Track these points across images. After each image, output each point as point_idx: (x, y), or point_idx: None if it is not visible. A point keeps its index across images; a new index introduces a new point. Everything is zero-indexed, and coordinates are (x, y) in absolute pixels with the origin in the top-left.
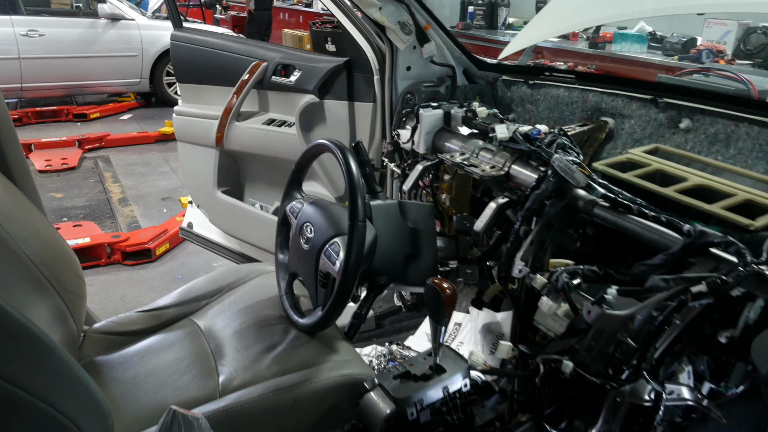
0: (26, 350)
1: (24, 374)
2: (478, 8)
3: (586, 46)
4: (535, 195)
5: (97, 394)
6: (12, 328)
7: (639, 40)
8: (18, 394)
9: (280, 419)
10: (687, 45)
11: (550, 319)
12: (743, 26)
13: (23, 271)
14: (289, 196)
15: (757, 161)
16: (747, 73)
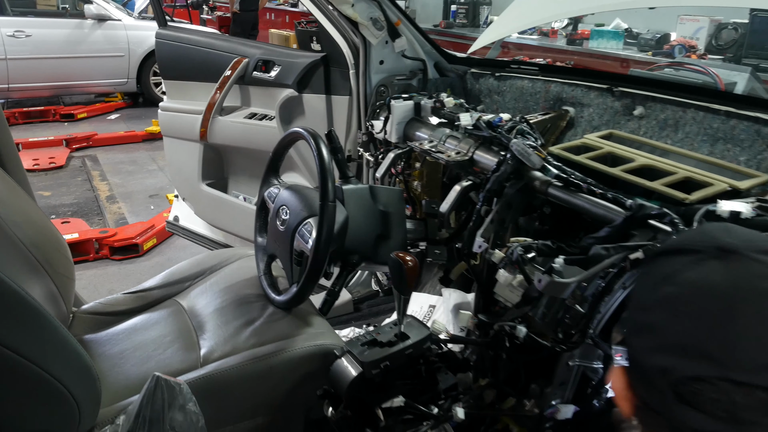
0: (20, 316)
1: (17, 338)
2: (461, 7)
3: (564, 43)
4: (495, 177)
5: (85, 360)
6: (7, 296)
7: (615, 36)
8: (11, 357)
9: (256, 385)
10: (661, 41)
11: (507, 290)
12: (715, 22)
13: (15, 254)
14: (266, 182)
15: (702, 144)
16: (717, 67)
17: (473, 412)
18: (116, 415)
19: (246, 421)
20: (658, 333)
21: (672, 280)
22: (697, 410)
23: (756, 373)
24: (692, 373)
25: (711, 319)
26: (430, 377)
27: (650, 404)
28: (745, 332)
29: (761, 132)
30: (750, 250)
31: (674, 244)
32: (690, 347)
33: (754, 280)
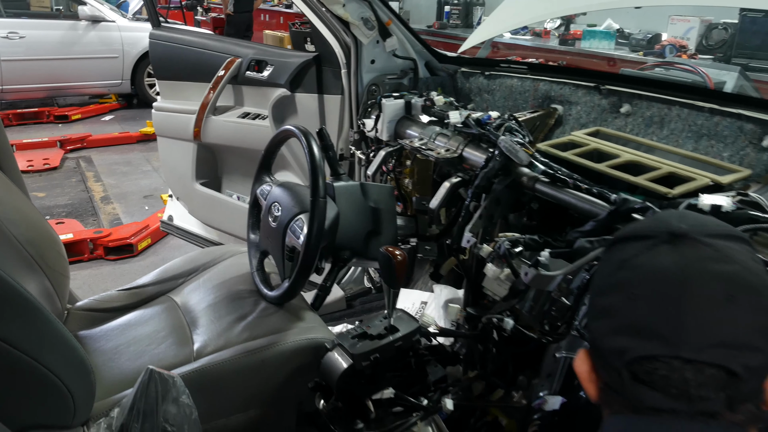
0: (16, 310)
1: (13, 332)
2: (454, 8)
3: (557, 44)
4: (484, 173)
5: (80, 353)
6: (3, 290)
7: (607, 36)
8: (7, 349)
9: (249, 378)
10: (652, 41)
11: (495, 284)
12: (705, 22)
13: (11, 251)
14: (259, 179)
15: (686, 140)
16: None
17: (462, 403)
18: (111, 408)
19: (238, 414)
20: (614, 316)
21: (626, 265)
22: (652, 388)
23: (704, 351)
24: (645, 352)
25: (662, 301)
26: (420, 369)
27: (611, 385)
28: (694, 312)
29: (744, 128)
30: (700, 234)
31: (630, 231)
32: (643, 328)
33: (703, 263)
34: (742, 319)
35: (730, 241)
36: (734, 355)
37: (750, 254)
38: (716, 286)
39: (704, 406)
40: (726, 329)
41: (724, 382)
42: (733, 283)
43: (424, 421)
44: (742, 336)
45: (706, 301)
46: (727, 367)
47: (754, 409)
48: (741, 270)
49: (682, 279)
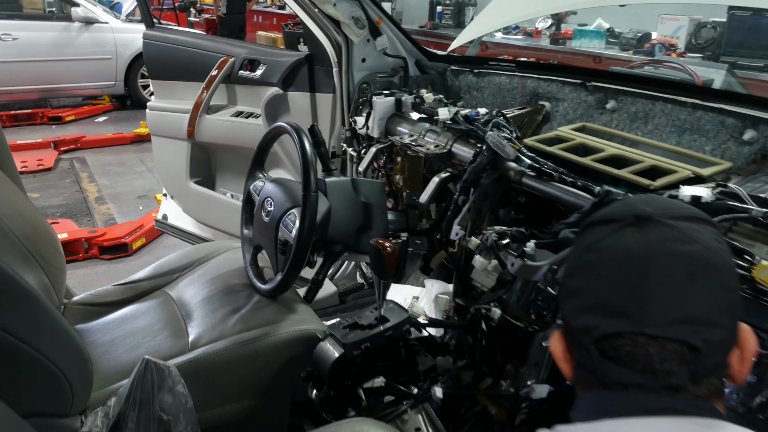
0: (15, 301)
1: (13, 321)
2: (446, 8)
3: (548, 43)
4: (472, 168)
5: (78, 343)
6: (3, 281)
7: (597, 35)
8: (8, 339)
9: (243, 368)
10: (641, 40)
11: (483, 275)
12: (694, 21)
13: (9, 246)
14: (252, 176)
15: (670, 135)
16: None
17: (451, 392)
18: (108, 397)
19: (233, 404)
20: (583, 296)
21: (594, 248)
22: (619, 364)
23: (666, 327)
24: (611, 330)
25: (626, 281)
26: (410, 359)
27: (582, 363)
28: (656, 290)
29: (725, 122)
30: (663, 216)
31: (599, 216)
32: (609, 307)
33: (665, 243)
34: (703, 296)
35: (693, 223)
36: (696, 331)
37: (712, 235)
38: (678, 266)
39: (668, 380)
40: (687, 306)
41: (686, 357)
42: (695, 262)
43: (414, 410)
44: (703, 312)
45: (669, 279)
46: (689, 343)
47: (717, 383)
48: (702, 250)
49: (646, 259)
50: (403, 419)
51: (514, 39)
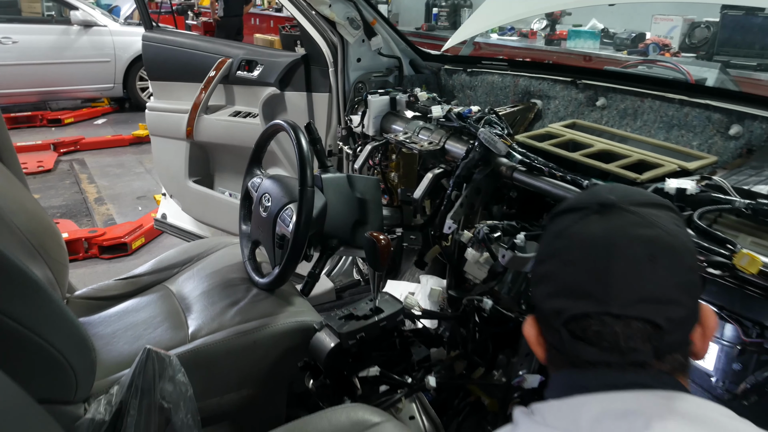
0: (22, 290)
1: (20, 310)
2: (442, 9)
3: (543, 44)
4: (464, 164)
5: (82, 331)
6: (11, 270)
7: (592, 36)
8: (15, 327)
9: (242, 358)
10: (636, 40)
11: (476, 268)
12: (688, 21)
13: (14, 240)
14: (250, 173)
15: (658, 131)
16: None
17: (445, 381)
18: (110, 386)
19: (232, 393)
20: (552, 280)
21: (561, 235)
22: (587, 344)
23: (630, 306)
24: (579, 311)
25: (592, 265)
26: (404, 350)
27: (553, 344)
28: (620, 272)
29: (711, 118)
30: (626, 203)
31: (566, 204)
32: (576, 289)
33: (627, 228)
34: (664, 276)
35: (654, 209)
36: (657, 309)
37: (673, 219)
38: (639, 248)
39: (634, 357)
40: (649, 286)
41: (650, 335)
42: (655, 245)
43: (409, 398)
44: (664, 292)
45: (631, 262)
46: (652, 320)
47: (681, 359)
48: (662, 233)
49: (609, 243)
50: (398, 408)
51: (510, 40)
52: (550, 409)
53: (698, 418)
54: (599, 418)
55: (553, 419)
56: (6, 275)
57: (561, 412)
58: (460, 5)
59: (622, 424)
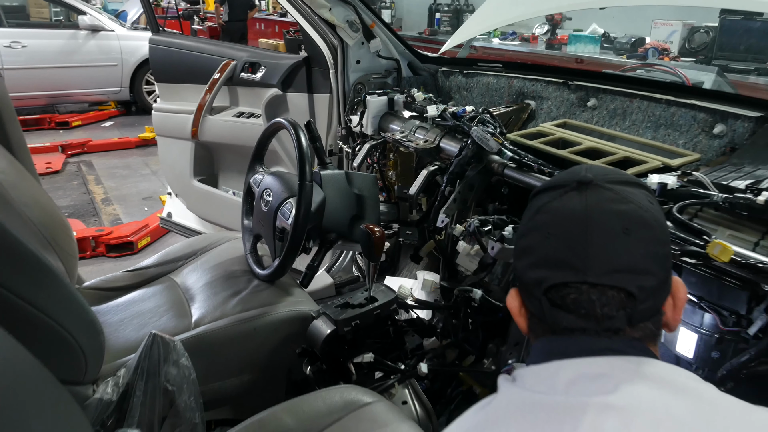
0: (36, 275)
1: (34, 293)
2: (445, 14)
3: (544, 48)
4: (458, 160)
5: (91, 314)
6: (27, 257)
7: (592, 41)
8: (29, 309)
9: (242, 344)
10: (635, 44)
11: (467, 260)
12: (687, 26)
13: (27, 231)
14: (252, 169)
15: (646, 130)
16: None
17: (436, 368)
18: (117, 369)
19: (233, 378)
20: (534, 252)
21: (542, 210)
22: (566, 311)
23: (606, 275)
24: (558, 280)
25: (570, 237)
26: (398, 338)
27: (535, 313)
28: (596, 244)
29: (697, 117)
30: (602, 181)
31: (547, 183)
32: (556, 260)
33: (603, 204)
34: (636, 248)
35: (629, 186)
36: (630, 279)
37: (646, 196)
38: (614, 222)
39: (609, 323)
40: (623, 257)
41: (623, 302)
42: (629, 219)
43: (402, 384)
44: (636, 262)
45: (606, 234)
46: (625, 289)
47: (652, 328)
48: (636, 208)
49: (586, 217)
50: (391, 393)
51: (512, 45)
52: (530, 374)
53: (663, 380)
54: (574, 381)
55: (532, 383)
56: (22, 261)
57: (540, 376)
58: (463, 10)
59: (593, 386)
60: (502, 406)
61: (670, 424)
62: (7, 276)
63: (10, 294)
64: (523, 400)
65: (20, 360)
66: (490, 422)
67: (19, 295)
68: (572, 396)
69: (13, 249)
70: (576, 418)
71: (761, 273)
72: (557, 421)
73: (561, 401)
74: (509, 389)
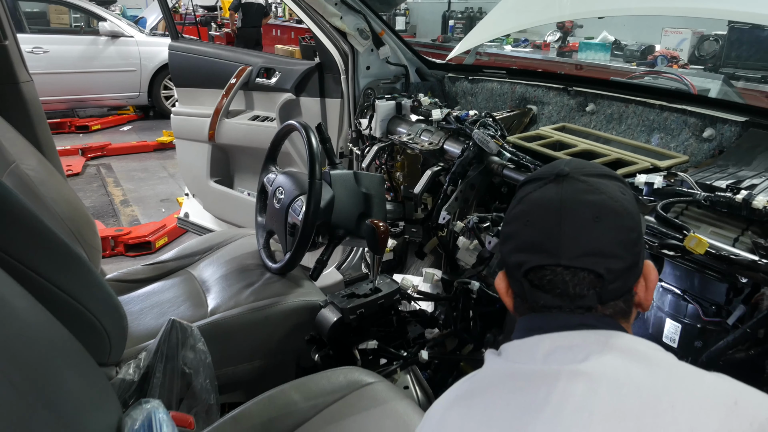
0: (66, 262)
1: (63, 279)
2: (458, 22)
3: (555, 55)
4: (460, 161)
5: (115, 300)
6: (58, 245)
7: (602, 48)
8: (59, 294)
9: (254, 331)
10: (645, 52)
11: (467, 254)
12: (697, 34)
13: (56, 225)
14: (265, 169)
15: (640, 134)
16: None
17: (437, 355)
18: (138, 353)
19: (245, 364)
20: (515, 238)
21: (524, 200)
22: (543, 291)
23: (577, 259)
24: (536, 263)
25: (547, 225)
26: (401, 328)
27: (518, 294)
28: (569, 231)
29: (688, 122)
30: (578, 173)
31: (530, 176)
32: (534, 245)
33: (577, 194)
34: (605, 235)
35: (603, 179)
36: (599, 261)
37: (618, 188)
38: (586, 211)
39: (581, 302)
40: (593, 242)
41: (593, 283)
42: (599, 208)
43: (404, 370)
44: (605, 247)
45: (578, 222)
46: (595, 271)
47: (622, 306)
48: (606, 198)
49: (561, 207)
50: (394, 378)
51: (523, 51)
52: (513, 347)
53: (628, 350)
54: (550, 352)
55: (515, 355)
56: (54, 250)
57: (521, 349)
58: (476, 17)
59: (566, 356)
60: (487, 375)
61: (630, 387)
62: (42, 263)
63: (44, 279)
64: (505, 370)
65: (60, 337)
66: (476, 389)
67: (51, 280)
68: (548, 365)
69: (47, 238)
70: (550, 384)
71: (734, 264)
72: (534, 386)
73: (538, 369)
74: (494, 361)
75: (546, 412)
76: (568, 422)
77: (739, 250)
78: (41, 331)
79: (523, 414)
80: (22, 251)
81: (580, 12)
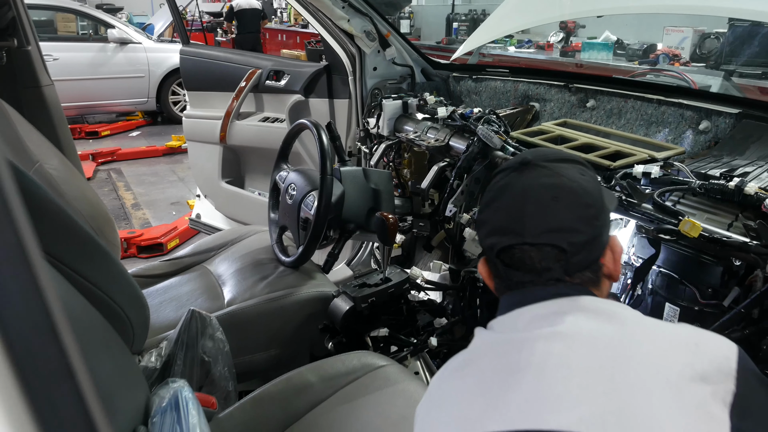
0: (92, 254)
1: (89, 270)
2: (462, 24)
3: (558, 56)
4: (465, 156)
5: (138, 291)
6: (85, 239)
7: (605, 48)
8: (84, 284)
9: (270, 321)
10: (647, 51)
11: (473, 245)
12: (698, 32)
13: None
14: (278, 167)
15: (639, 128)
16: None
17: (445, 342)
18: (159, 343)
19: (261, 352)
20: (487, 223)
21: (493, 189)
22: (514, 269)
23: (540, 236)
24: (505, 243)
25: (512, 209)
26: (411, 316)
27: (496, 274)
28: (531, 212)
29: (684, 115)
30: (540, 160)
31: (501, 167)
32: (502, 228)
33: (537, 178)
34: (564, 212)
35: (563, 163)
36: (561, 237)
37: (577, 170)
38: (544, 193)
39: (549, 275)
40: (553, 220)
41: (558, 257)
42: (557, 189)
43: (414, 357)
44: (564, 223)
45: (538, 203)
46: (557, 245)
47: (590, 275)
48: (564, 180)
49: (523, 192)
50: (404, 365)
51: (527, 52)
52: (498, 322)
53: (599, 311)
54: (530, 321)
55: (499, 328)
56: (82, 242)
57: (505, 322)
58: (479, 20)
59: (544, 322)
60: (477, 346)
61: (603, 340)
62: (69, 253)
63: (71, 271)
64: (492, 339)
65: (93, 321)
66: (468, 359)
67: (77, 270)
68: (528, 331)
69: (73, 231)
70: (531, 346)
71: (726, 246)
72: (517, 349)
73: (520, 335)
74: (483, 334)
75: (530, 371)
76: (550, 378)
77: (725, 231)
78: (78, 314)
79: (509, 375)
80: (51, 242)
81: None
